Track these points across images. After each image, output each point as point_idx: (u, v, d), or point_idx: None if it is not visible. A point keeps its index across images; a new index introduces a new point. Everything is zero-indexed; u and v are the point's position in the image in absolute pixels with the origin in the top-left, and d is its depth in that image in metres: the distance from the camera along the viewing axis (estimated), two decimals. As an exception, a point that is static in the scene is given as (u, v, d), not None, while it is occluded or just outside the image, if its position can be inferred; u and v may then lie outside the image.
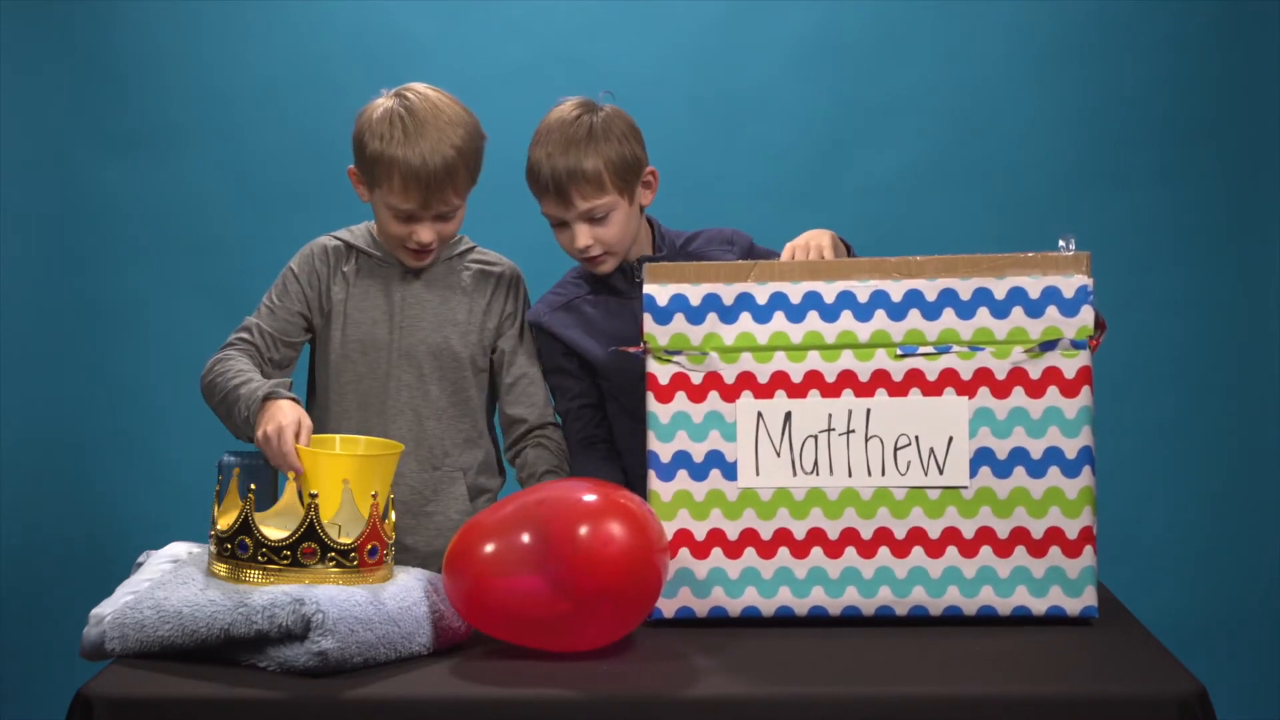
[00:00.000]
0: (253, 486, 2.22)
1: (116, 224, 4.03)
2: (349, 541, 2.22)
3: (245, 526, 2.20)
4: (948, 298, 2.33)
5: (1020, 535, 2.33)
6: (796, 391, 2.34)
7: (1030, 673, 2.16)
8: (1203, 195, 3.99)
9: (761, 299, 2.34)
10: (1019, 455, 2.33)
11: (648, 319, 2.36)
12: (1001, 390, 2.33)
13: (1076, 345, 2.33)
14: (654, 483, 2.35)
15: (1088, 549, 2.33)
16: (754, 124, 4.01)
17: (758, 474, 2.34)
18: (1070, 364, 2.33)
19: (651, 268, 2.37)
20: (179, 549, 2.40)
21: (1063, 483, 2.33)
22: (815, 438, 2.33)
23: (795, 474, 2.33)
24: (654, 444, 2.35)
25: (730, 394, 2.34)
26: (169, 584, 2.23)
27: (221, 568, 2.22)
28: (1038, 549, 2.33)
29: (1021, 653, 2.24)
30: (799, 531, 2.34)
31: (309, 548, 2.19)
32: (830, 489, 2.33)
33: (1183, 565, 4.03)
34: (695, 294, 2.35)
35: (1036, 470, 2.33)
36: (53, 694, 3.20)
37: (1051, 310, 2.33)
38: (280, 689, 2.08)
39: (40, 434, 4.05)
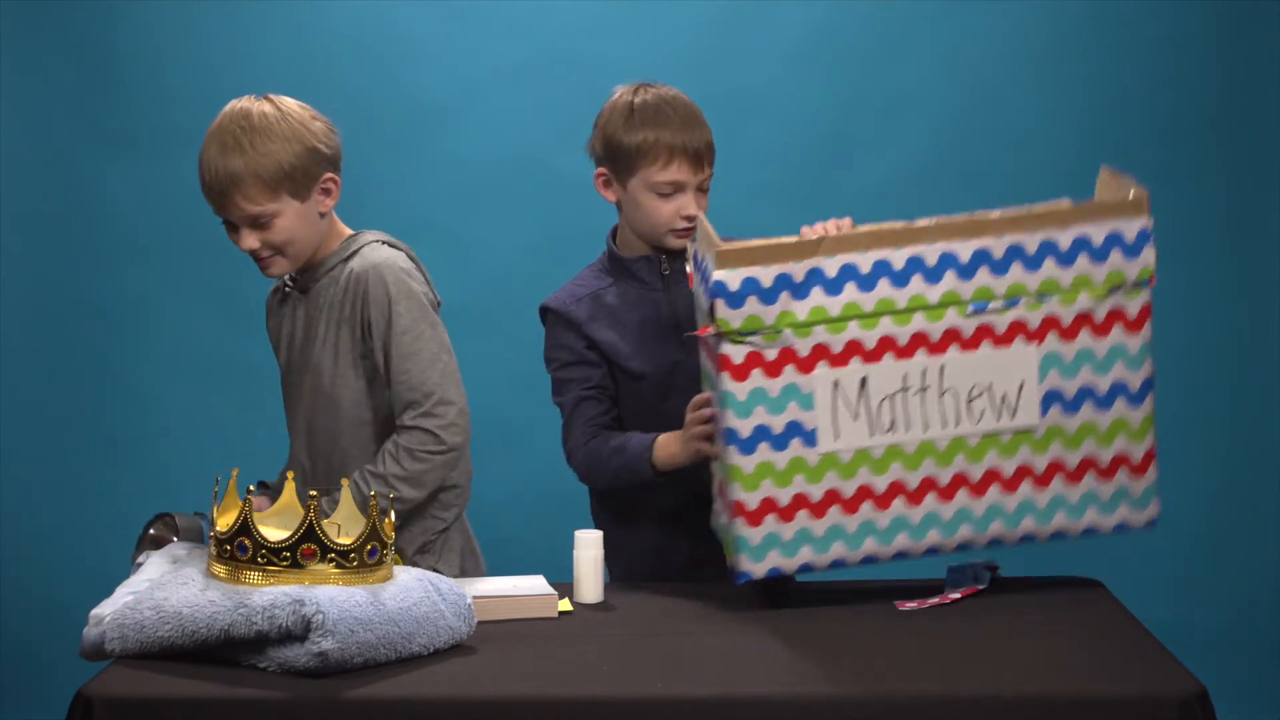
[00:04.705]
0: (251, 487, 2.22)
1: (116, 224, 4.03)
2: (349, 542, 2.22)
3: (244, 528, 2.19)
4: (1015, 253, 2.38)
5: (1089, 464, 2.42)
6: (871, 357, 2.37)
7: (1030, 673, 2.16)
8: (1203, 195, 3.99)
9: (831, 272, 2.36)
10: (1086, 393, 2.40)
11: (719, 304, 2.36)
12: (1068, 334, 2.39)
13: (1139, 285, 2.39)
14: (735, 458, 2.37)
15: (1152, 466, 2.43)
16: (754, 124, 4.01)
17: (837, 438, 2.37)
18: (1133, 304, 2.40)
19: (722, 254, 2.37)
20: (179, 549, 2.40)
21: (1128, 413, 2.41)
22: (891, 398, 2.38)
23: (873, 434, 2.38)
24: (732, 421, 2.37)
25: (806, 366, 2.36)
26: (169, 584, 2.23)
27: (221, 569, 2.22)
28: (1106, 474, 2.42)
29: (1021, 653, 2.24)
30: (880, 486, 2.39)
31: (308, 548, 2.19)
32: (908, 444, 2.38)
33: (1183, 565, 4.03)
34: (767, 275, 2.36)
35: (1103, 404, 2.41)
36: (53, 694, 3.20)
37: (1115, 255, 2.39)
38: (280, 689, 2.08)
39: (40, 434, 4.05)
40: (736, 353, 2.36)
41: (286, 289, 2.72)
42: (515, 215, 4.03)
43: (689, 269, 2.62)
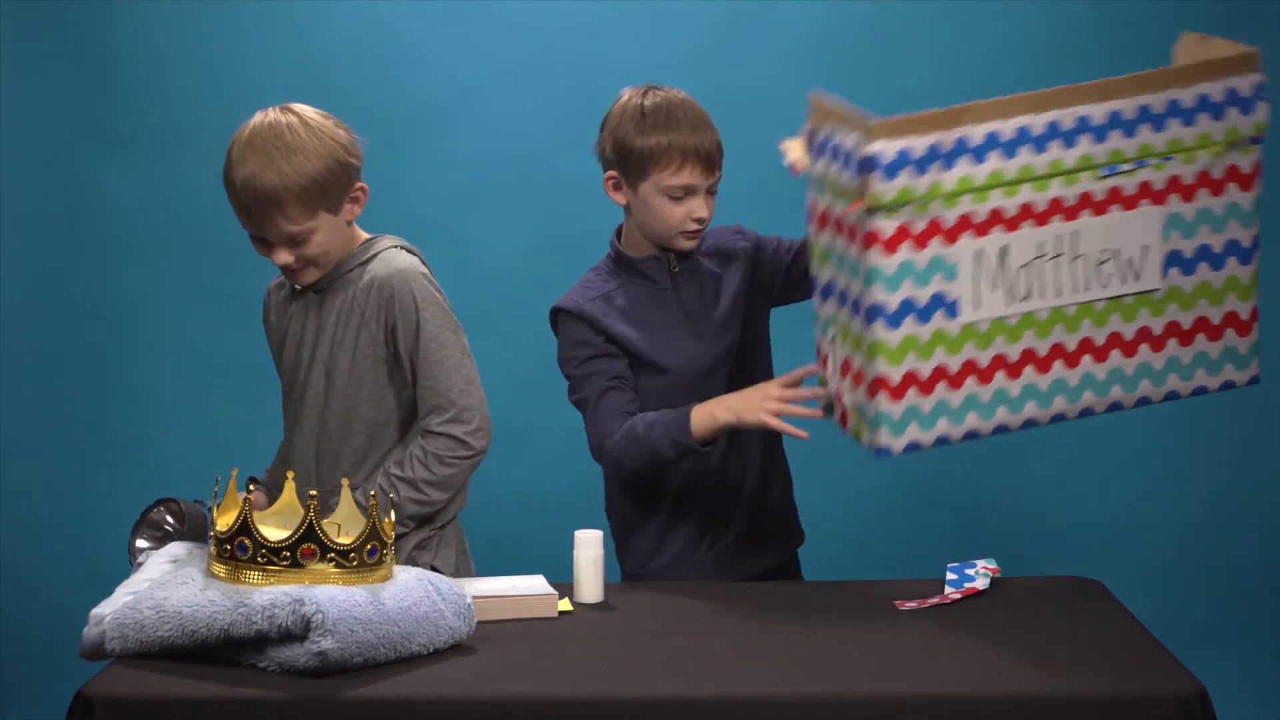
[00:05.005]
0: (251, 487, 2.22)
1: (116, 224, 4.03)
2: (348, 541, 2.22)
3: (244, 527, 2.20)
4: (1144, 114, 2.40)
5: (1202, 324, 2.46)
6: (1012, 225, 2.38)
7: (1030, 673, 2.16)
8: (1203, 195, 3.98)
9: (977, 140, 2.38)
10: (1204, 252, 2.44)
11: (874, 177, 2.34)
12: (1189, 194, 2.42)
13: (1254, 141, 2.43)
14: (881, 332, 2.36)
15: (1255, 324, 2.49)
16: (754, 124, 4.01)
17: (977, 308, 2.38)
18: (1247, 159, 2.44)
19: (877, 126, 2.36)
20: (179, 549, 2.40)
21: (1239, 270, 2.46)
22: (1027, 266, 2.39)
23: (1010, 303, 2.39)
24: (879, 295, 2.36)
25: (951, 236, 2.37)
26: (169, 584, 2.23)
27: (221, 569, 2.22)
28: (1216, 333, 2.47)
29: (1021, 653, 2.24)
30: (1013, 355, 2.41)
31: (308, 548, 2.19)
32: (1040, 312, 2.40)
33: (1183, 565, 4.03)
34: (920, 146, 2.36)
35: (1218, 262, 2.45)
36: (53, 694, 3.20)
37: (1232, 111, 2.42)
38: (280, 689, 2.08)
39: (40, 434, 4.05)
40: (888, 226, 2.35)
41: (296, 287, 2.72)
42: (515, 215, 4.03)
43: (790, 159, 2.61)
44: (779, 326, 2.91)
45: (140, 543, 2.46)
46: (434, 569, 2.69)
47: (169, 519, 2.53)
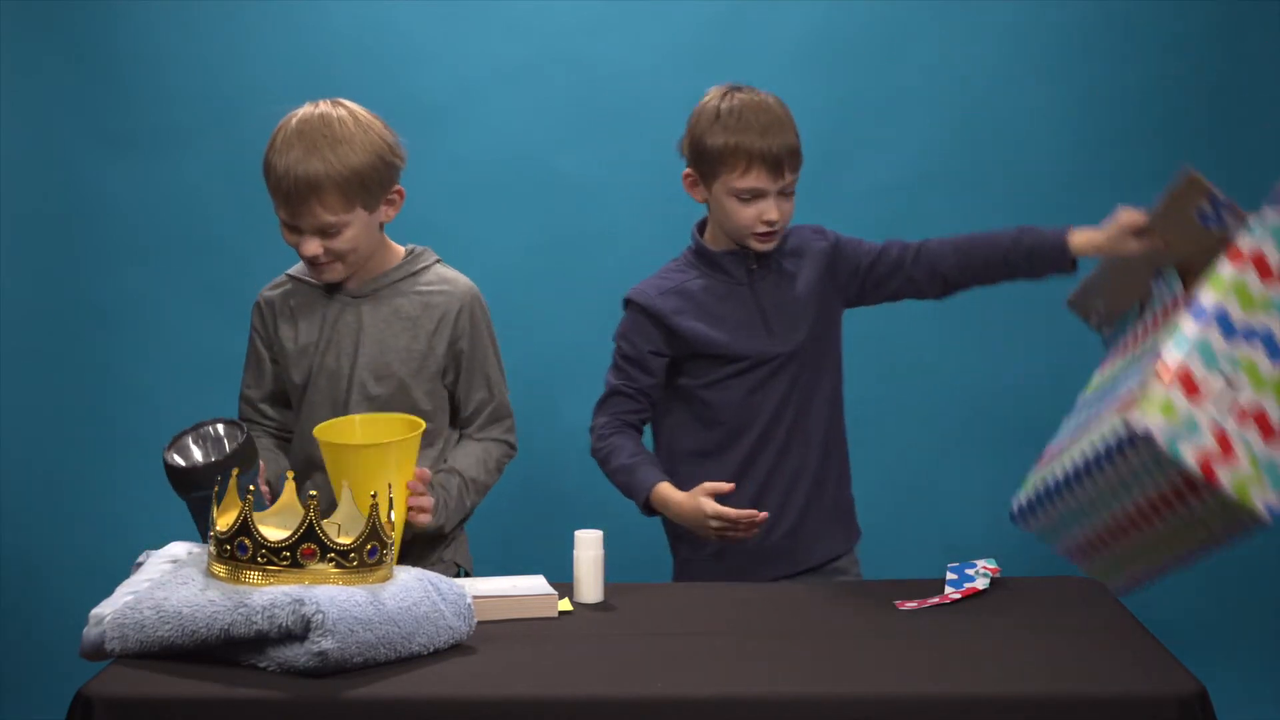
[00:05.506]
0: (251, 488, 2.23)
1: (116, 224, 4.03)
2: (348, 542, 2.22)
3: (244, 528, 2.20)
4: None
5: None
6: None
7: (1030, 673, 2.16)
8: (1203, 195, 3.98)
9: None
10: None
11: None
12: None
13: None
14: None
15: None
16: (754, 124, 4.01)
17: None
18: None
19: None
20: (179, 549, 2.40)
21: None
22: None
23: None
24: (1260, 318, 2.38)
25: None
26: (169, 584, 2.23)
27: (221, 569, 2.22)
28: None
29: (1021, 653, 2.24)
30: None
31: (308, 548, 2.19)
32: None
33: (1183, 565, 4.02)
34: None
35: None
36: (53, 694, 3.20)
37: None
38: (280, 689, 2.08)
39: (40, 434, 4.05)
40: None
41: (298, 298, 2.73)
42: (515, 215, 4.02)
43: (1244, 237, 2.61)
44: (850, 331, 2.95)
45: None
46: (457, 565, 2.72)
47: (223, 430, 2.55)
